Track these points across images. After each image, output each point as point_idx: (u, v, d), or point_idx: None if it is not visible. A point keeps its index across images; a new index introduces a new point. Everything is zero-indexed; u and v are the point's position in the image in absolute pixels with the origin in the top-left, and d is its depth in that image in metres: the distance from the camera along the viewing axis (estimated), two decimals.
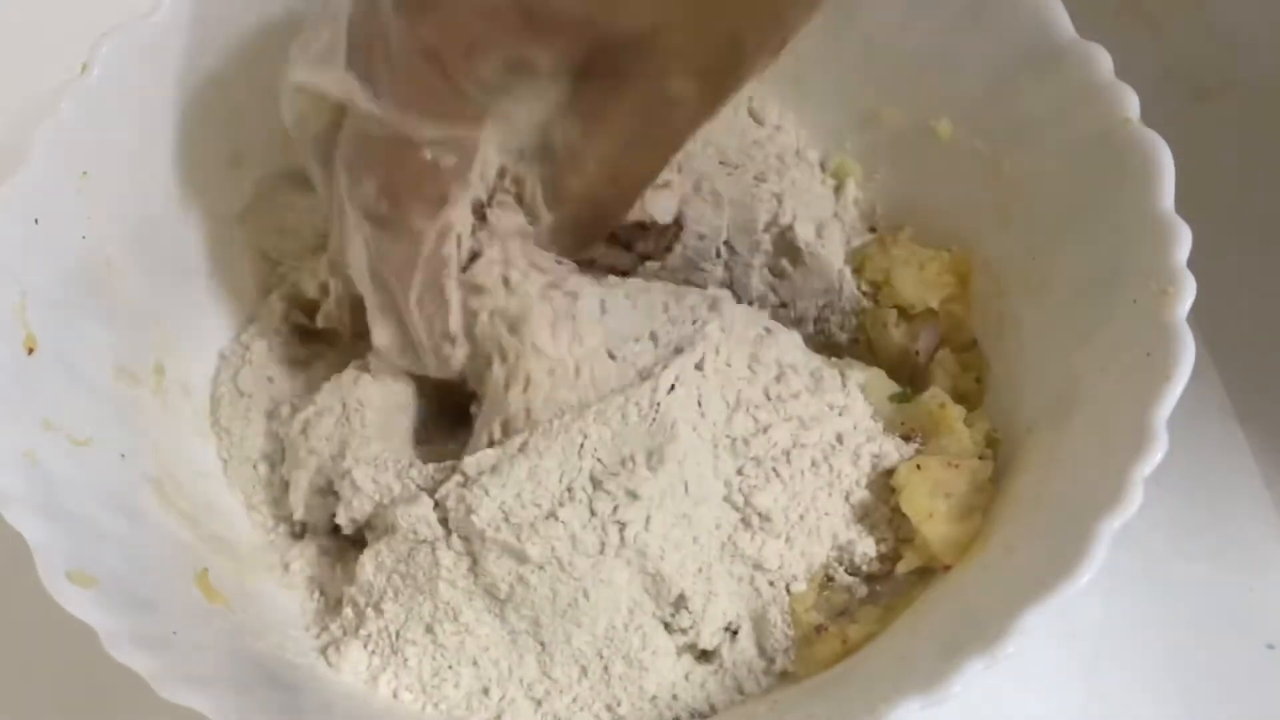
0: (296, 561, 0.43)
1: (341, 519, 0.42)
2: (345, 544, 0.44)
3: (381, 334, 0.42)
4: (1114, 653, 0.45)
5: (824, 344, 0.47)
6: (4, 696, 0.44)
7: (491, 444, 0.40)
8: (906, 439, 0.43)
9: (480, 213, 0.42)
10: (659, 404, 0.40)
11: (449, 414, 0.44)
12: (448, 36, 0.37)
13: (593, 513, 0.39)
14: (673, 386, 0.40)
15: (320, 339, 0.48)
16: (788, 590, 0.41)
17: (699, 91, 0.38)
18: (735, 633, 0.41)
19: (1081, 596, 0.42)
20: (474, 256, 0.42)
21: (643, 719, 0.40)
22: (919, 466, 0.41)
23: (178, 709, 0.33)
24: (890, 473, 0.42)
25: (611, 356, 0.41)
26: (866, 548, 0.41)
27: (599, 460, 0.39)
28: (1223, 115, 0.56)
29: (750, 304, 0.47)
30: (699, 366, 0.41)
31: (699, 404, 0.40)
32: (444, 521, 0.40)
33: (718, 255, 0.47)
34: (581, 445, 0.39)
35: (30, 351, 0.40)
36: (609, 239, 0.45)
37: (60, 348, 0.41)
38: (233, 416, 0.46)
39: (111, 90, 0.44)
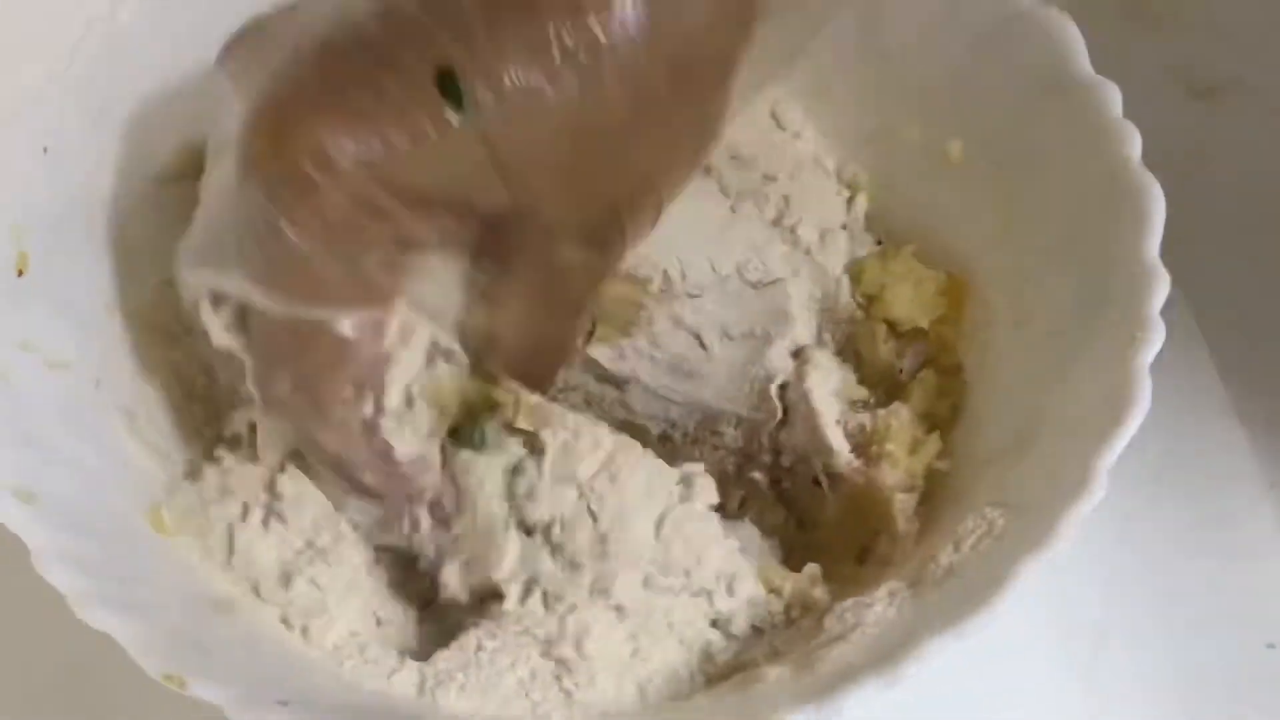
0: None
1: None
2: None
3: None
4: (1114, 653, 0.45)
5: None
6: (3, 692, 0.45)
7: None
8: (856, 452, 0.43)
9: None
10: None
11: None
12: (330, 231, 0.36)
13: None
14: None
15: None
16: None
17: (586, 257, 0.39)
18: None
19: (1081, 596, 0.44)
20: None
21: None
22: None
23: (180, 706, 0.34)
24: None
25: None
26: None
27: None
28: (1223, 115, 0.56)
29: None
30: None
31: None
32: None
33: None
34: None
35: (20, 273, 0.41)
36: None
37: (53, 274, 0.42)
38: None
39: (137, 35, 0.45)
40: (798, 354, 0.44)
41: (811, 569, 0.42)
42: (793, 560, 0.43)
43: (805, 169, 0.49)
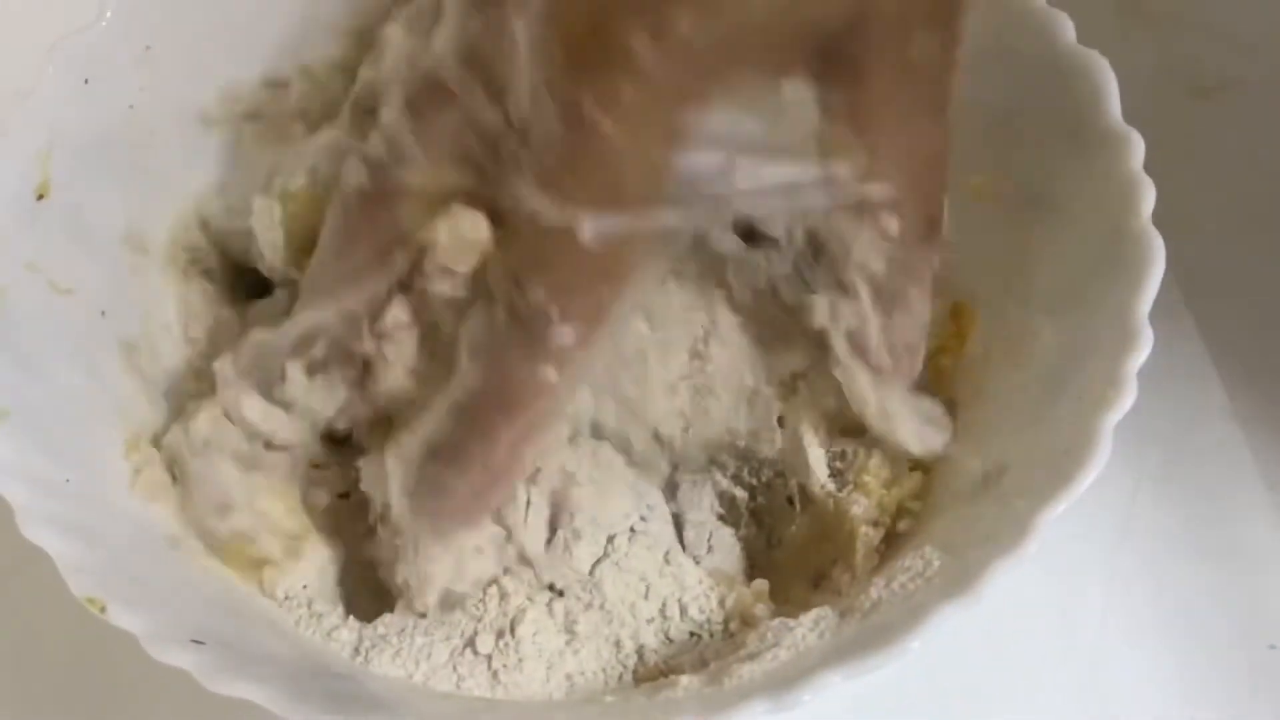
0: None
1: None
2: None
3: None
4: (1114, 654, 0.45)
5: None
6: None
7: None
8: (833, 477, 0.43)
9: None
10: None
11: None
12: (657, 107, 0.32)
13: None
14: None
15: None
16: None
17: (941, 37, 0.36)
18: None
19: (1081, 597, 0.45)
20: None
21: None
22: None
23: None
24: None
25: None
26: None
27: None
28: (1223, 115, 0.56)
29: None
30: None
31: None
32: None
33: None
34: None
35: (40, 197, 0.43)
36: None
37: (74, 201, 0.43)
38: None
39: None
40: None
41: (758, 584, 0.42)
42: (751, 575, 0.43)
43: None
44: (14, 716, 0.45)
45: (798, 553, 0.43)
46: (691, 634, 0.40)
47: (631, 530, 0.41)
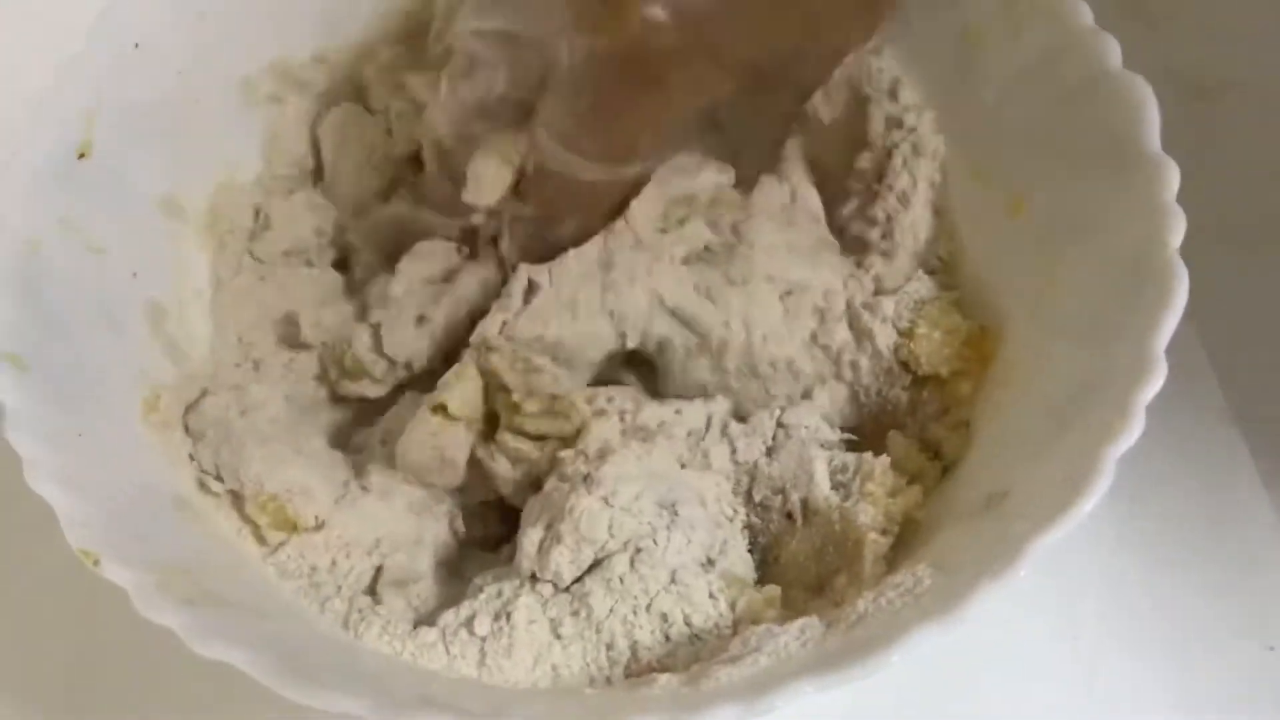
0: None
1: None
2: None
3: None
4: (1114, 655, 0.46)
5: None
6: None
7: None
8: (836, 489, 0.42)
9: None
10: None
11: None
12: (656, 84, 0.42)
13: None
14: None
15: None
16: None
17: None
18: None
19: (1082, 599, 0.46)
20: None
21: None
22: None
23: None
24: None
25: None
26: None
27: None
28: (1223, 115, 0.56)
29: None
30: None
31: None
32: None
33: None
34: None
35: (81, 156, 0.43)
36: None
37: (116, 163, 0.44)
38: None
39: None
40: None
41: (770, 590, 0.41)
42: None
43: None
44: (15, 710, 0.46)
45: (798, 567, 0.42)
46: (694, 636, 0.40)
47: (637, 550, 0.41)
